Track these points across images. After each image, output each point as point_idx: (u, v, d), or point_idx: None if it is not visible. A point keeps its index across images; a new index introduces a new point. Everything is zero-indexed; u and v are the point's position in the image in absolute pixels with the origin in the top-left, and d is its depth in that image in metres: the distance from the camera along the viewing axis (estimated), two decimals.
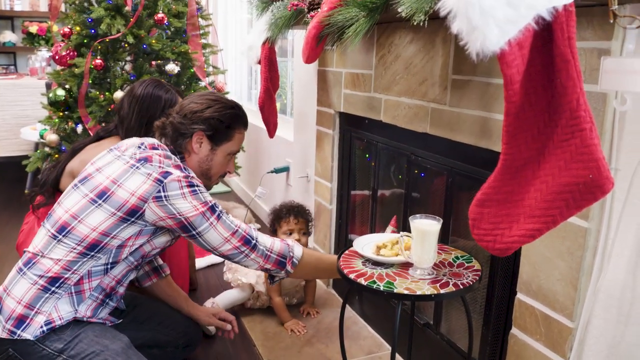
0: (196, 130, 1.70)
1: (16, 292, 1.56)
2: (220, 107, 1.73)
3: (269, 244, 1.71)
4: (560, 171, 1.08)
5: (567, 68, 1.03)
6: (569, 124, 1.06)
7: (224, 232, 1.63)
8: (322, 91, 2.62)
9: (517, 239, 1.14)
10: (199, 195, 1.59)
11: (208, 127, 1.70)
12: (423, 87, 1.85)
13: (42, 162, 3.12)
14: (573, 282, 1.35)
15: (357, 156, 2.49)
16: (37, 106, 4.11)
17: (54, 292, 1.56)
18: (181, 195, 1.57)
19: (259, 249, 1.68)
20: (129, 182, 1.57)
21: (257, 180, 3.73)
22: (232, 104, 1.78)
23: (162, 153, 1.66)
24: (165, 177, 1.57)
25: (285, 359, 2.17)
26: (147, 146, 1.68)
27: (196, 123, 1.70)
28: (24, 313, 1.55)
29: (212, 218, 1.61)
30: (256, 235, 1.70)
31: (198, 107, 1.71)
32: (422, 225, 1.38)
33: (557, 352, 1.41)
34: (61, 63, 3.06)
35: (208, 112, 1.71)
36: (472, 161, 1.70)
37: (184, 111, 1.72)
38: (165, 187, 1.56)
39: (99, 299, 1.65)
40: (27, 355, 1.55)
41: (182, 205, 1.57)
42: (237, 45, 4.78)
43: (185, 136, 1.71)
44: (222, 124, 1.72)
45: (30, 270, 1.58)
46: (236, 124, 1.77)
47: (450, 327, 1.95)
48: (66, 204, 1.63)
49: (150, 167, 1.59)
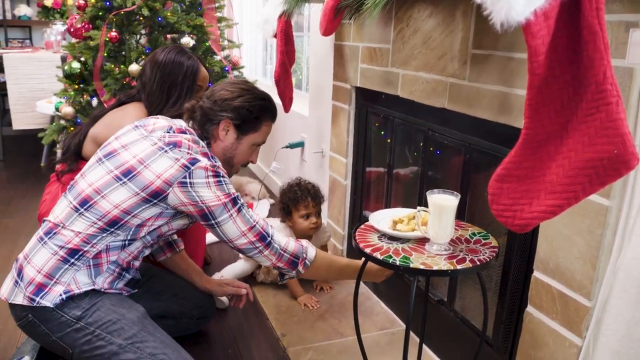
0: (224, 118, 1.70)
1: (36, 261, 1.58)
2: (251, 98, 1.73)
3: (284, 243, 1.71)
4: (584, 146, 1.05)
5: (594, 40, 1.00)
6: (594, 97, 1.03)
7: (242, 225, 1.64)
8: (338, 66, 2.59)
9: (537, 215, 1.12)
10: (223, 186, 1.61)
11: (237, 115, 1.71)
12: (442, 62, 1.81)
13: (58, 134, 3.13)
14: (592, 261, 1.33)
15: (372, 132, 2.47)
16: (53, 79, 4.11)
17: (73, 263, 1.58)
18: (206, 184, 1.58)
19: (273, 247, 1.69)
20: (156, 164, 1.58)
21: (271, 155, 3.72)
22: (264, 95, 1.78)
23: (191, 138, 1.67)
24: (193, 164, 1.57)
25: (298, 332, 2.18)
26: (175, 130, 1.68)
27: (225, 110, 1.70)
28: (43, 282, 1.57)
29: (232, 210, 1.62)
30: (272, 233, 1.70)
31: (229, 95, 1.71)
32: (440, 200, 1.37)
33: (573, 331, 1.40)
34: (76, 36, 3.05)
35: (238, 101, 1.71)
36: (490, 137, 1.67)
37: (214, 97, 1.72)
38: (192, 174, 1.57)
39: (116, 272, 1.68)
40: (46, 321, 1.58)
41: (205, 193, 1.58)
42: (253, 19, 4.74)
43: (212, 122, 1.71)
44: (250, 114, 1.72)
45: (51, 240, 1.60)
46: (265, 115, 1.77)
47: (464, 305, 1.95)
48: (90, 177, 1.63)
49: (179, 152, 1.59)
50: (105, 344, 1.57)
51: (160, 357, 1.58)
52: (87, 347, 1.58)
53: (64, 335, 1.58)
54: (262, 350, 2.07)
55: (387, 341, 2.13)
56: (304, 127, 3.31)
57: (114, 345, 1.57)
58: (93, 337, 1.58)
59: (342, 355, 2.03)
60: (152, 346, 1.59)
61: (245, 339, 2.14)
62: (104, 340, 1.57)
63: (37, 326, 1.59)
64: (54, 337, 1.59)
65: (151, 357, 1.57)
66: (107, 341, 1.57)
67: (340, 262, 1.88)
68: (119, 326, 1.59)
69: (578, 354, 1.39)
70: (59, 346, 1.60)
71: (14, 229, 3.13)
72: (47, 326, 1.58)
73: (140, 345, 1.58)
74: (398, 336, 2.17)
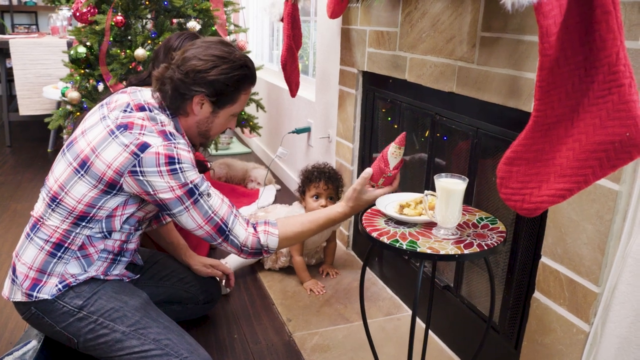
0: (198, 93, 1.54)
1: (26, 258, 1.58)
2: (228, 68, 1.54)
3: (243, 238, 1.60)
4: (595, 129, 1.03)
5: (607, 20, 0.98)
6: (606, 79, 1.01)
7: (198, 217, 1.54)
8: (345, 50, 2.57)
9: (546, 198, 1.11)
10: (178, 175, 1.48)
11: (212, 91, 1.54)
12: (450, 45, 1.79)
13: (64, 120, 3.12)
14: (601, 247, 1.32)
15: (379, 117, 2.45)
16: (59, 65, 4.12)
17: (61, 257, 1.56)
18: (158, 173, 1.46)
19: (231, 240, 1.59)
20: (106, 152, 1.48)
21: (277, 140, 3.71)
22: (241, 62, 1.57)
23: (146, 115, 1.52)
24: (143, 150, 1.45)
25: (303, 318, 2.18)
26: (133, 107, 1.55)
27: (199, 84, 1.52)
28: (36, 277, 1.57)
29: (187, 202, 1.51)
30: (232, 226, 1.58)
31: (202, 66, 1.52)
32: (448, 184, 1.35)
33: (580, 317, 1.39)
34: (82, 20, 3.03)
35: (213, 74, 1.52)
36: (499, 121, 1.65)
37: (186, 67, 1.52)
38: (142, 162, 1.46)
39: (109, 259, 1.65)
40: (49, 312, 1.58)
41: (157, 183, 1.47)
42: (259, 3, 4.70)
43: (185, 97, 1.55)
44: (228, 88, 1.56)
45: (36, 235, 1.58)
46: (243, 85, 1.60)
47: (470, 290, 1.94)
48: (56, 172, 1.58)
49: (130, 135, 1.47)
50: (108, 331, 1.57)
51: (164, 343, 1.58)
52: (91, 335, 1.58)
53: (68, 325, 1.58)
54: (268, 335, 2.07)
55: (393, 327, 2.13)
56: (310, 112, 3.29)
57: (118, 332, 1.57)
58: (96, 326, 1.58)
59: (348, 341, 2.03)
60: (156, 332, 1.59)
61: (251, 324, 2.14)
62: (107, 328, 1.58)
63: (41, 318, 1.59)
64: (58, 328, 1.59)
65: (155, 343, 1.57)
66: (110, 329, 1.57)
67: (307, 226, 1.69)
68: (121, 313, 1.59)
69: (585, 340, 1.38)
70: (64, 336, 1.61)
71: (22, 213, 3.15)
72: (50, 317, 1.59)
73: (143, 331, 1.59)
74: (404, 322, 2.17)
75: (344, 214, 1.67)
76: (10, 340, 1.97)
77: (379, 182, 1.63)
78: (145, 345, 1.57)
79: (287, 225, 1.68)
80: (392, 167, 1.59)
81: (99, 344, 1.59)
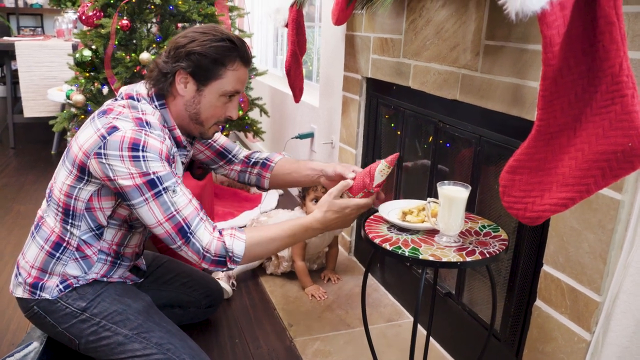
0: (177, 69, 1.48)
1: (29, 257, 1.60)
2: (206, 40, 1.47)
3: (206, 241, 1.47)
4: (598, 139, 1.04)
5: (610, 30, 0.99)
6: (609, 89, 1.02)
7: (158, 213, 1.43)
8: (349, 56, 2.58)
9: (548, 207, 1.11)
10: (140, 163, 1.40)
11: (189, 64, 1.47)
12: (454, 53, 1.80)
13: (69, 122, 3.14)
14: (602, 256, 1.32)
15: (383, 123, 2.46)
16: (64, 67, 4.14)
17: (59, 257, 1.57)
18: (119, 157, 1.40)
19: (194, 244, 1.46)
20: (82, 135, 1.48)
21: (281, 145, 3.71)
22: (224, 35, 1.50)
23: (128, 103, 1.50)
24: (110, 133, 1.41)
25: (305, 323, 2.18)
26: (124, 96, 1.55)
27: (178, 60, 1.47)
28: (38, 276, 1.58)
29: (148, 194, 1.42)
30: (195, 228, 1.46)
31: (182, 41, 1.47)
32: (450, 192, 1.36)
33: (582, 325, 1.39)
34: (87, 23, 3.04)
35: (191, 46, 1.46)
36: (502, 129, 1.66)
37: (168, 48, 1.49)
38: (106, 144, 1.40)
39: (109, 261, 1.65)
40: (51, 313, 1.59)
41: (118, 168, 1.40)
42: (264, 8, 4.72)
43: (167, 76, 1.49)
44: (205, 59, 1.47)
45: (38, 234, 1.60)
46: (226, 58, 1.50)
47: (472, 298, 1.94)
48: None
49: (104, 120, 1.45)
50: (111, 334, 1.58)
51: (167, 347, 1.58)
52: (93, 337, 1.59)
53: (70, 327, 1.59)
54: (269, 340, 2.07)
55: (394, 333, 2.13)
56: (313, 117, 3.30)
57: (120, 335, 1.58)
58: (99, 328, 1.58)
59: (349, 346, 2.03)
60: (159, 336, 1.60)
61: (253, 329, 2.15)
62: (109, 331, 1.58)
63: (43, 317, 1.60)
64: (60, 329, 1.60)
65: (157, 347, 1.58)
66: (112, 332, 1.58)
67: (278, 234, 1.56)
68: (124, 316, 1.59)
69: (586, 349, 1.38)
70: (66, 337, 1.61)
71: (25, 214, 3.16)
72: (52, 317, 1.59)
73: (146, 335, 1.59)
74: (405, 328, 2.17)
75: (316, 219, 1.55)
76: (12, 341, 1.97)
77: (357, 196, 1.58)
78: (148, 349, 1.57)
79: (256, 230, 1.58)
80: (375, 184, 1.55)
81: (101, 346, 1.59)
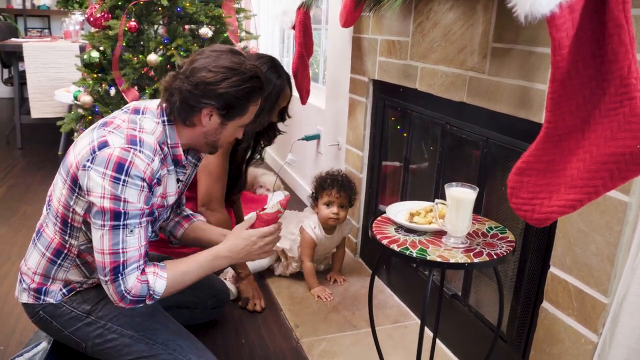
0: (207, 105, 1.48)
1: (31, 264, 1.60)
2: (238, 81, 1.48)
3: (130, 285, 1.45)
4: (606, 141, 1.05)
5: (619, 33, 0.99)
6: (618, 92, 1.02)
7: (106, 243, 1.42)
8: (356, 58, 2.59)
9: (556, 209, 1.12)
10: (119, 186, 1.39)
11: (222, 104, 1.49)
12: (461, 55, 1.80)
13: (76, 123, 3.16)
14: (610, 258, 1.33)
15: (389, 125, 2.46)
16: (71, 69, 4.15)
17: (61, 264, 1.57)
18: (102, 174, 1.39)
19: (118, 284, 1.44)
20: (80, 143, 1.48)
21: (287, 147, 3.72)
22: (251, 73, 1.51)
23: (128, 117, 1.50)
24: (101, 147, 1.41)
25: (311, 324, 2.19)
26: (130, 109, 1.55)
27: (208, 97, 1.47)
28: (41, 281, 1.58)
29: (107, 222, 1.41)
30: (128, 273, 1.44)
31: (212, 78, 1.46)
32: (458, 194, 1.36)
33: (589, 327, 1.40)
34: (95, 25, 3.06)
35: (223, 87, 1.46)
36: (509, 132, 1.66)
37: (195, 79, 1.46)
38: (95, 159, 1.40)
39: None
40: (57, 317, 1.60)
41: (94, 183, 1.40)
42: (271, 10, 4.74)
43: (193, 109, 1.49)
44: (238, 101, 1.50)
45: (39, 241, 1.59)
46: (253, 97, 1.54)
47: (478, 299, 1.94)
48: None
49: (101, 132, 1.46)
50: (117, 336, 1.58)
51: (173, 347, 1.59)
52: (99, 340, 1.59)
53: (76, 330, 1.60)
54: (276, 341, 2.08)
55: (400, 334, 2.14)
56: (320, 119, 3.31)
57: (126, 337, 1.58)
58: (104, 330, 1.59)
59: (355, 347, 2.04)
60: (164, 336, 1.60)
61: (259, 329, 2.15)
62: (115, 333, 1.58)
63: (49, 322, 1.61)
64: (66, 332, 1.61)
65: (163, 347, 1.58)
66: (118, 333, 1.58)
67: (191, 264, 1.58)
68: (129, 318, 1.60)
69: (593, 351, 1.38)
70: (72, 340, 1.62)
71: (31, 216, 3.17)
72: (58, 322, 1.60)
73: (152, 336, 1.59)
74: (411, 329, 2.17)
75: (224, 247, 1.60)
76: (20, 340, 1.99)
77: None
78: (154, 350, 1.58)
79: (175, 265, 1.57)
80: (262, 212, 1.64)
81: (107, 348, 1.60)
